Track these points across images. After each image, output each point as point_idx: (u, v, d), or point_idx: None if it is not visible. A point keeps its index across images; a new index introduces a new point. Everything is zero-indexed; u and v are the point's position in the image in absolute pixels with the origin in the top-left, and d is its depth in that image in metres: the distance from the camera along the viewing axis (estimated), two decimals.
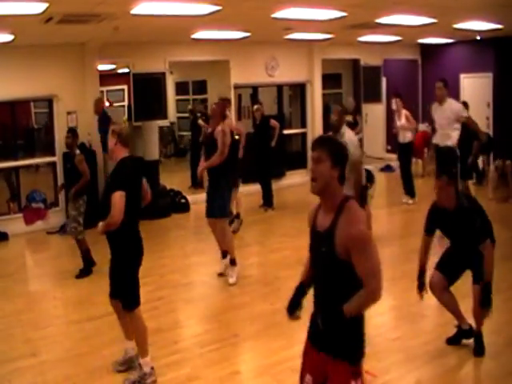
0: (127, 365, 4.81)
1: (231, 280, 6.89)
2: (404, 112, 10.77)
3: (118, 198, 4.34)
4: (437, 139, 8.18)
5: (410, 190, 10.57)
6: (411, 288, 6.38)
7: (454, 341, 4.98)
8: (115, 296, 4.71)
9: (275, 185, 11.00)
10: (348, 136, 6.11)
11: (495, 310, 5.77)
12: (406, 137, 10.76)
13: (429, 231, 4.87)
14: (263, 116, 10.77)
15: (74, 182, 7.38)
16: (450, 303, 5.01)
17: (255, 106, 11.00)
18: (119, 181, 4.46)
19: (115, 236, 4.51)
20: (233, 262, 7.00)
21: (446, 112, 7.82)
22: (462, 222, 4.60)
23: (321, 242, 2.81)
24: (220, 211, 6.96)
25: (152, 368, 4.63)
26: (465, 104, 7.88)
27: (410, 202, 10.43)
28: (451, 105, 7.89)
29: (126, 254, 4.58)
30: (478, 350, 4.78)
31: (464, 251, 4.82)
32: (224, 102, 7.55)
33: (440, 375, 4.56)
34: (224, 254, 7.22)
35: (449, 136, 7.85)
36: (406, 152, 10.85)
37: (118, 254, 4.62)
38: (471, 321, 5.01)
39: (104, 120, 9.61)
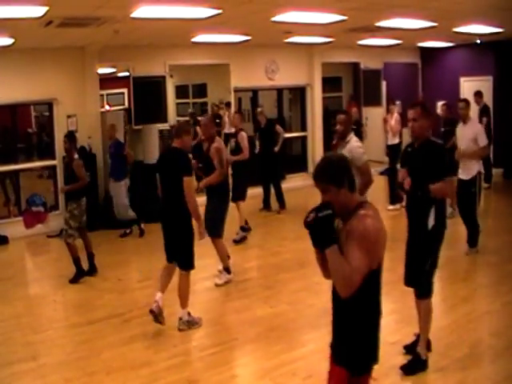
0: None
1: (218, 281, 6.97)
2: (395, 116, 10.89)
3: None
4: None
5: (392, 195, 10.53)
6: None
7: (411, 349, 4.87)
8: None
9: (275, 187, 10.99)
10: (354, 144, 6.05)
11: (495, 314, 5.79)
12: (392, 139, 10.90)
13: (403, 166, 4.96)
14: (268, 120, 10.78)
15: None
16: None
17: (258, 109, 10.98)
18: None
19: None
20: (227, 270, 7.03)
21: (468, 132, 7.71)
22: (428, 156, 4.53)
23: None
24: (210, 231, 6.88)
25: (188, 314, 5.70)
26: (466, 101, 7.84)
27: (391, 207, 10.35)
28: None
29: None
30: (406, 367, 4.62)
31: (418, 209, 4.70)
32: (211, 118, 7.50)
33: (440, 378, 4.56)
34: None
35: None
36: (392, 154, 10.91)
37: None
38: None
39: (118, 146, 9.66)
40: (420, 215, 4.61)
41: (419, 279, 4.71)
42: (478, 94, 12.09)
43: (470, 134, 7.51)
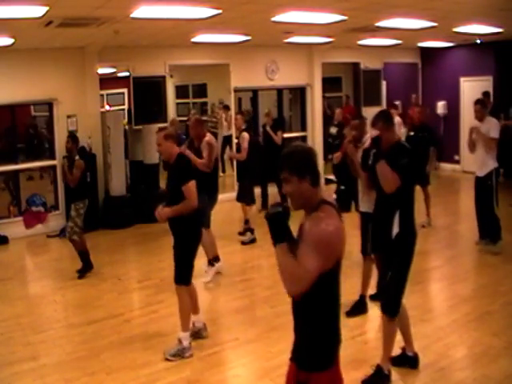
0: (195, 336, 5.32)
1: (205, 279, 6.99)
2: (396, 119, 10.88)
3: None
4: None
5: None
6: (411, 291, 6.39)
7: (398, 362, 4.72)
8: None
9: (275, 188, 10.97)
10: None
11: (495, 314, 5.78)
12: None
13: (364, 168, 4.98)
14: (274, 121, 10.91)
15: (80, 188, 7.40)
16: (402, 323, 4.68)
17: (266, 110, 11.20)
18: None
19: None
20: (215, 260, 7.14)
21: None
22: (392, 158, 4.38)
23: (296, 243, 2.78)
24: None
25: (190, 343, 5.10)
26: (481, 104, 7.81)
27: None
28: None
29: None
30: (367, 381, 4.42)
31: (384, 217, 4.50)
32: (196, 119, 7.64)
33: (439, 378, 4.55)
34: (215, 259, 7.33)
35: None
36: None
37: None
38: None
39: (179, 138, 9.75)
40: (385, 221, 4.43)
41: (382, 292, 4.58)
42: (486, 95, 12.16)
43: (486, 129, 7.50)
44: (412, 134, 9.23)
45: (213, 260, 7.26)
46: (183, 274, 5.13)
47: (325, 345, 2.79)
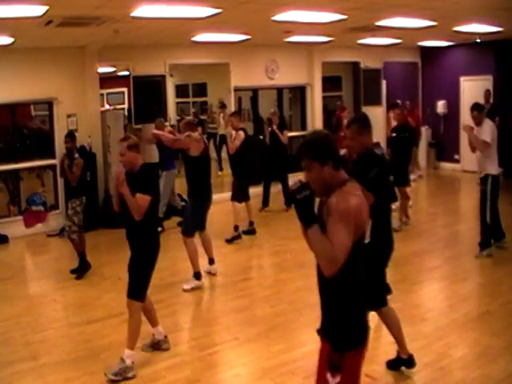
0: (154, 347, 5.17)
1: (186, 286, 6.83)
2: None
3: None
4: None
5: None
6: (411, 291, 6.43)
7: (393, 366, 4.68)
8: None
9: (276, 187, 10.98)
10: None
11: (495, 313, 5.78)
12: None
13: None
14: (281, 121, 10.93)
15: (77, 185, 7.42)
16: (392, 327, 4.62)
17: (272, 110, 11.18)
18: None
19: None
20: (196, 276, 6.93)
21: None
22: (360, 169, 4.20)
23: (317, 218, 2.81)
24: (182, 229, 7.06)
25: (133, 362, 4.74)
26: (477, 109, 7.74)
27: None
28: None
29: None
30: None
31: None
32: (189, 122, 7.67)
33: (439, 378, 4.55)
34: (210, 261, 7.32)
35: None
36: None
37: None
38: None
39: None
40: None
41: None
42: (488, 92, 12.29)
43: (481, 133, 7.43)
44: (394, 135, 9.25)
45: (209, 261, 7.30)
46: (138, 290, 4.86)
47: (357, 323, 2.83)
